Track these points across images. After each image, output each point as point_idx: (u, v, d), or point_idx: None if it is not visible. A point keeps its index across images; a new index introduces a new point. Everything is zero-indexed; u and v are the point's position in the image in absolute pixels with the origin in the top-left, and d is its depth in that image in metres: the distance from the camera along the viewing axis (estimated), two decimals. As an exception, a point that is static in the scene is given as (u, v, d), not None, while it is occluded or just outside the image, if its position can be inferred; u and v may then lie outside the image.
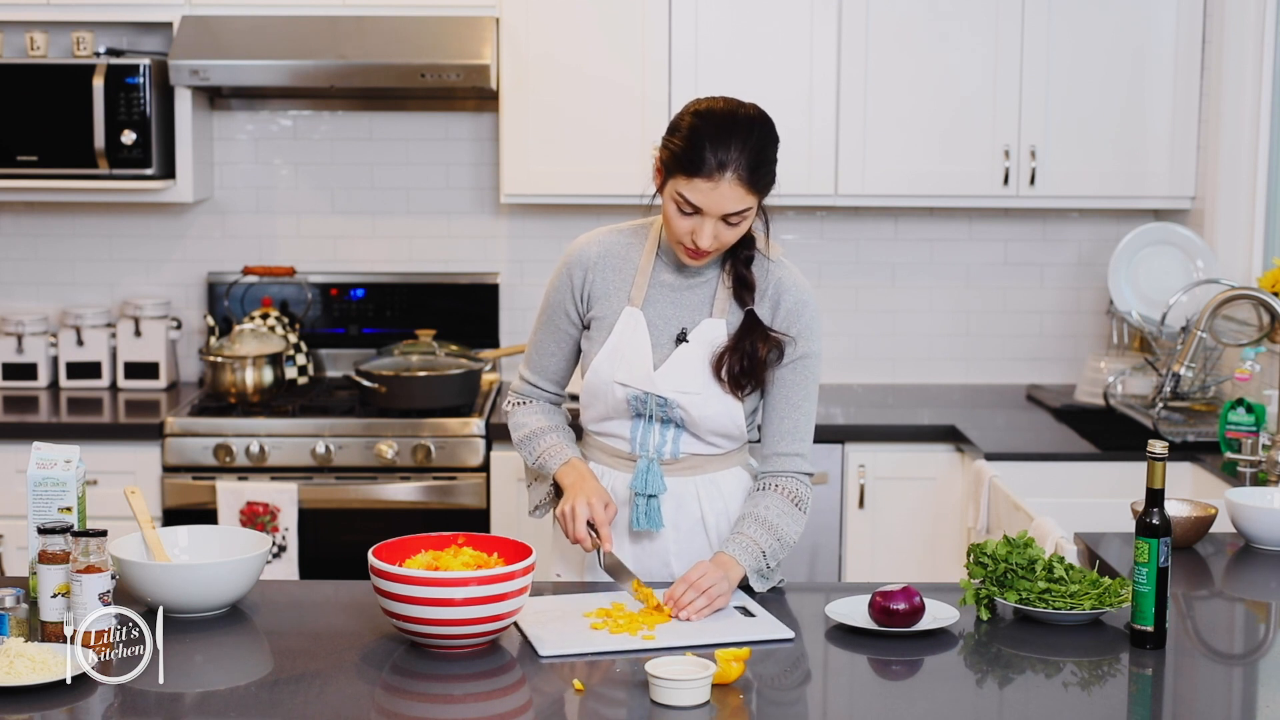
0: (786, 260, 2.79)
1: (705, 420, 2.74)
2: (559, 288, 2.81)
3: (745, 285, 2.73)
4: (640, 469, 2.75)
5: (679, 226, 2.64)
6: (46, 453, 2.56)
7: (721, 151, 2.56)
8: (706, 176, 2.57)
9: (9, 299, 4.90)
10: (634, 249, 2.79)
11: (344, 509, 4.26)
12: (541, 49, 4.45)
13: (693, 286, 2.76)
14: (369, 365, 4.46)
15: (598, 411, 2.80)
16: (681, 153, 2.59)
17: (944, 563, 4.25)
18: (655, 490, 2.74)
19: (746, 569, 2.63)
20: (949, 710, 2.22)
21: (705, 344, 2.73)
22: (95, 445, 4.15)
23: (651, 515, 2.74)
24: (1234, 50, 4.38)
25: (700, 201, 2.59)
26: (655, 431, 2.76)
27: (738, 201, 2.59)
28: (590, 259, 2.79)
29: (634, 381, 2.73)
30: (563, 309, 2.82)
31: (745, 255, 2.73)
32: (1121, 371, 4.47)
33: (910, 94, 4.53)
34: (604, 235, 2.82)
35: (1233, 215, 4.41)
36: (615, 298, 2.77)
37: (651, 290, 2.76)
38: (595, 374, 2.76)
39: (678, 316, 2.76)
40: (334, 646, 2.41)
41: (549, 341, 2.86)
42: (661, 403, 2.73)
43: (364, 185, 4.91)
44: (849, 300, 4.94)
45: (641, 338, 2.74)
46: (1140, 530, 2.41)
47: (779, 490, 2.74)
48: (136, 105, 4.40)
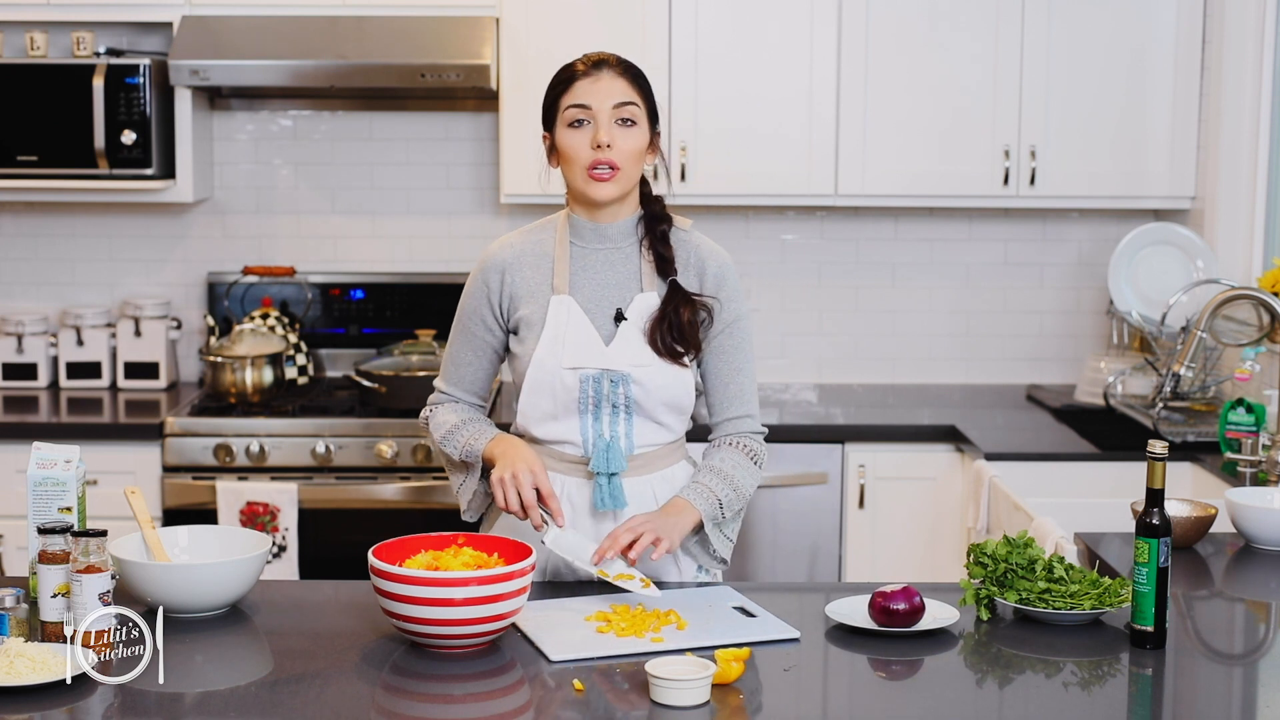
0: (696, 230, 2.84)
1: (659, 390, 2.72)
2: (474, 295, 2.80)
3: (665, 259, 2.77)
4: (600, 449, 2.71)
5: (577, 145, 2.70)
6: (46, 453, 2.56)
7: (592, 60, 2.74)
8: (584, 75, 2.72)
9: (9, 299, 4.90)
10: (545, 243, 2.80)
11: (344, 509, 4.26)
12: (541, 49, 4.45)
13: (613, 264, 2.77)
14: (369, 365, 4.46)
15: (544, 410, 2.74)
16: (558, 82, 2.75)
17: (944, 563, 4.25)
18: (617, 468, 2.71)
19: (702, 513, 2.67)
20: (949, 710, 2.22)
21: (644, 317, 2.75)
22: (95, 445, 4.15)
23: (615, 494, 2.72)
24: (1234, 50, 4.38)
25: (587, 98, 2.69)
26: (605, 425, 2.73)
27: (622, 92, 2.71)
28: (505, 261, 2.78)
29: (586, 362, 2.71)
30: (479, 317, 2.79)
31: (661, 231, 2.77)
32: (1121, 371, 4.48)
33: (910, 94, 4.53)
34: (513, 238, 2.83)
35: (1233, 215, 4.41)
36: (539, 293, 2.76)
37: (575, 276, 2.76)
38: (539, 368, 2.72)
39: (608, 297, 2.76)
40: (334, 646, 2.41)
41: (465, 351, 2.83)
42: (615, 381, 2.72)
43: (364, 185, 4.91)
44: (849, 300, 4.94)
45: (581, 320, 2.73)
46: (1140, 530, 2.41)
47: (734, 446, 2.79)
48: (136, 105, 4.40)
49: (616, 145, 2.69)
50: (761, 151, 4.53)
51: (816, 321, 4.95)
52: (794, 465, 4.30)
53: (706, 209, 4.76)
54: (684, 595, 2.66)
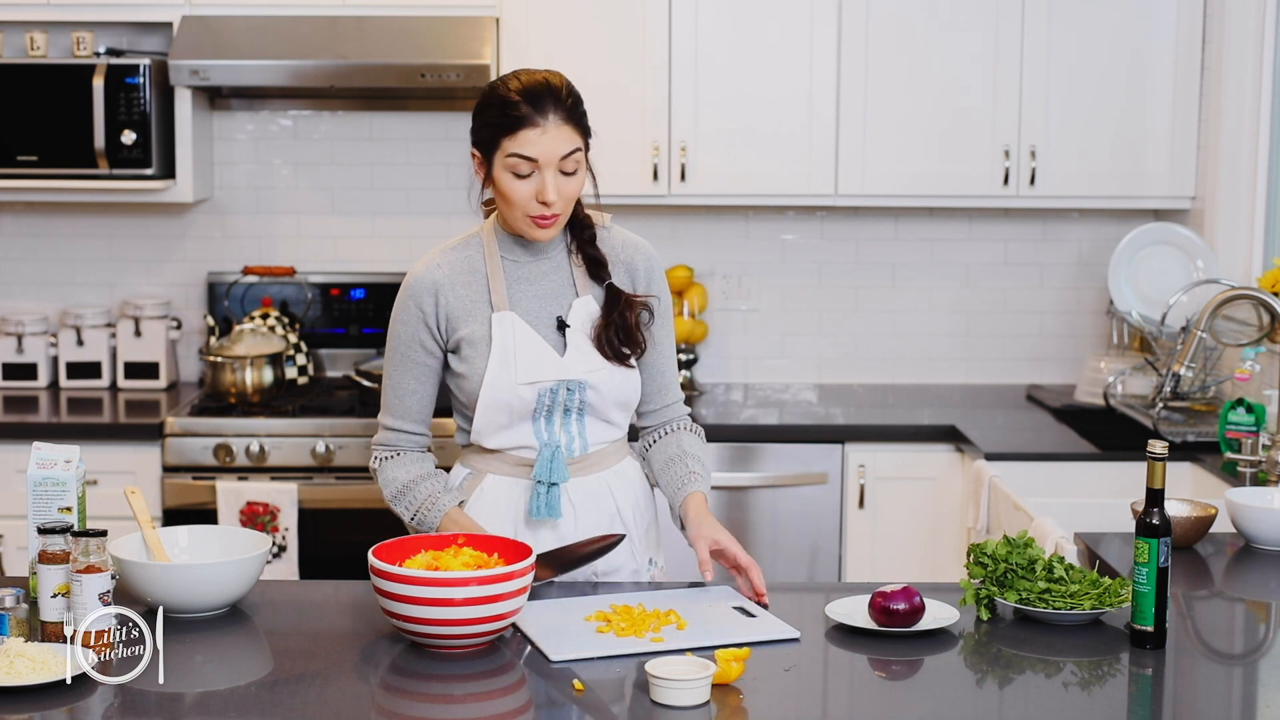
0: (615, 224, 2.85)
1: (612, 392, 2.75)
2: (407, 322, 2.75)
3: (596, 263, 2.77)
4: (544, 458, 2.72)
5: (520, 193, 2.64)
6: (46, 453, 2.56)
7: (537, 99, 2.62)
8: (532, 125, 2.61)
9: (9, 299, 4.90)
10: (474, 259, 2.76)
11: (344, 509, 4.26)
12: (541, 49, 4.45)
13: (546, 274, 2.77)
14: (369, 365, 4.47)
15: (499, 423, 2.74)
16: (501, 119, 2.63)
17: (944, 563, 4.25)
18: (559, 478, 2.73)
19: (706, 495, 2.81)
20: (949, 710, 2.22)
21: (586, 321, 2.76)
22: (95, 445, 4.15)
23: (552, 504, 2.73)
24: (1234, 50, 4.38)
25: (534, 151, 2.61)
26: (558, 427, 2.75)
27: (568, 141, 2.63)
28: (436, 282, 2.74)
29: (543, 376, 2.71)
30: (417, 341, 2.75)
31: (588, 234, 2.78)
32: (1121, 371, 4.47)
33: (910, 94, 4.53)
34: (438, 258, 2.77)
35: (1233, 215, 4.41)
36: (477, 311, 2.74)
37: (511, 290, 2.75)
38: (494, 387, 2.70)
39: (547, 307, 2.76)
40: (334, 646, 2.41)
41: (408, 380, 2.78)
42: (571, 389, 2.72)
43: (364, 185, 4.91)
44: (849, 300, 4.94)
45: (527, 335, 2.72)
46: (1140, 530, 2.41)
47: (689, 430, 2.90)
48: (136, 105, 4.40)
49: (561, 193, 2.64)
50: (761, 151, 4.53)
51: (816, 321, 4.95)
52: (794, 465, 4.30)
53: (706, 209, 4.76)
54: (684, 595, 2.67)
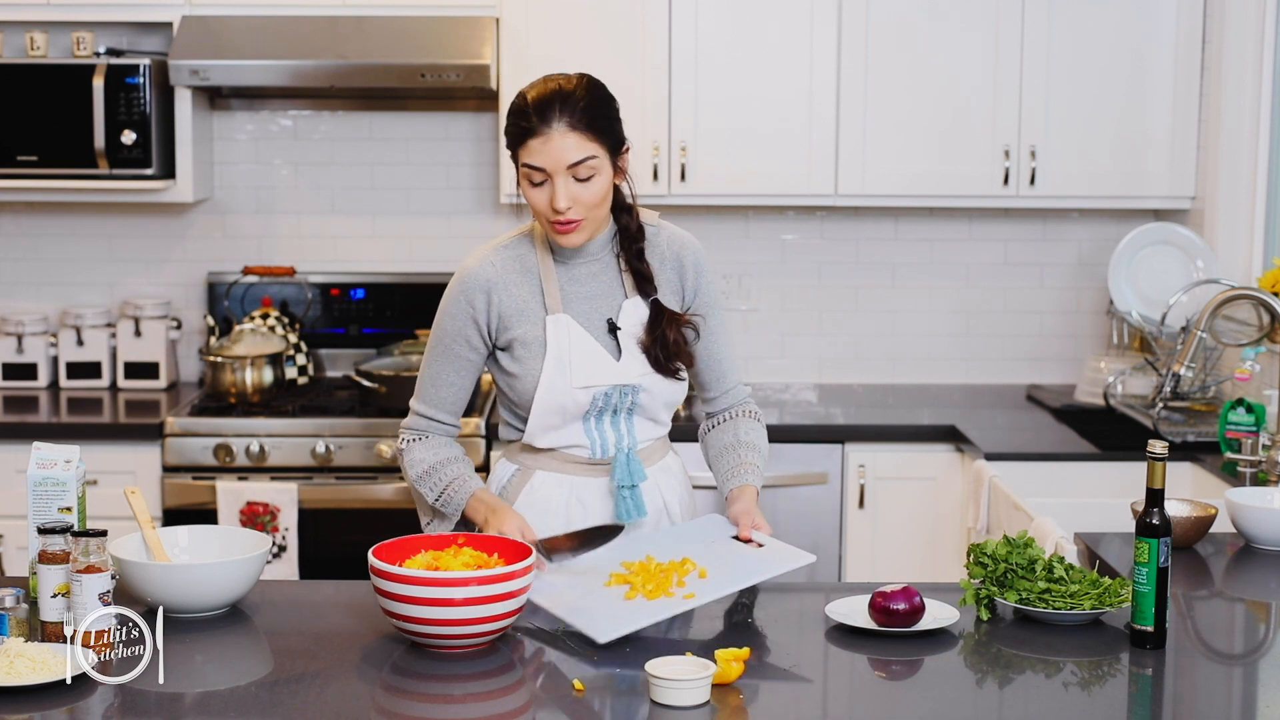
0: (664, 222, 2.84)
1: (663, 394, 2.77)
2: (456, 315, 2.75)
3: (643, 277, 2.77)
4: (620, 462, 2.75)
5: (538, 202, 2.65)
6: (46, 453, 2.56)
7: (544, 108, 2.60)
8: (536, 134, 2.60)
9: (9, 299, 4.90)
10: (526, 258, 2.76)
11: (344, 509, 4.26)
12: (541, 49, 4.45)
13: (595, 275, 2.77)
14: (369, 365, 4.46)
15: (552, 424, 2.75)
16: (514, 129, 2.64)
17: (944, 563, 4.25)
18: (639, 479, 2.75)
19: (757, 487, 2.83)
20: (949, 710, 2.22)
21: (636, 324, 2.76)
22: (95, 445, 4.15)
23: (638, 504, 2.76)
24: (1234, 50, 4.38)
25: (541, 161, 2.60)
26: (608, 426, 2.77)
27: (576, 149, 2.60)
28: (489, 280, 2.73)
29: (600, 380, 2.72)
30: (463, 337, 2.76)
31: (637, 249, 2.77)
32: (1121, 371, 4.47)
33: (910, 94, 4.53)
34: (491, 254, 2.77)
35: (1233, 215, 4.41)
36: (531, 311, 2.74)
37: (564, 292, 2.75)
38: (550, 390, 2.71)
39: (598, 309, 2.76)
40: (334, 646, 2.41)
41: (448, 372, 2.78)
42: (625, 392, 2.74)
43: (364, 185, 4.91)
44: (849, 300, 4.94)
45: (582, 338, 2.73)
46: (1140, 530, 2.41)
47: (746, 415, 2.92)
48: (136, 105, 4.40)
49: (577, 200, 2.63)
50: (761, 151, 4.53)
51: (816, 321, 4.95)
52: (794, 465, 4.30)
53: (706, 209, 4.76)
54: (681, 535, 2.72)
